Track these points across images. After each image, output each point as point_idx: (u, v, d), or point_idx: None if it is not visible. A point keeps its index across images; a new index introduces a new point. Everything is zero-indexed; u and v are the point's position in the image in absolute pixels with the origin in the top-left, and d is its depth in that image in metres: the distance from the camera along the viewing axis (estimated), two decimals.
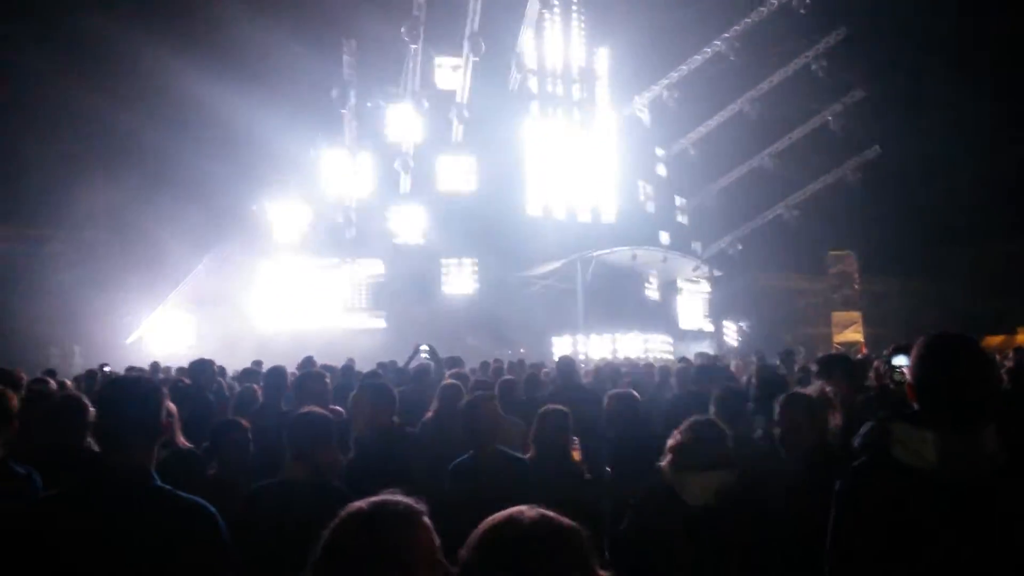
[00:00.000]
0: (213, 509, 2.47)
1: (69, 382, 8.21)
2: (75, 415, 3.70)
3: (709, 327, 31.91)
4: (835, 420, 3.74)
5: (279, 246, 26.66)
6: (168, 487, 2.46)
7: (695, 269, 30.86)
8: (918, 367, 2.09)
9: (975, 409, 1.96)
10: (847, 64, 31.38)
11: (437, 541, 1.64)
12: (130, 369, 11.29)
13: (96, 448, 2.58)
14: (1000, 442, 1.96)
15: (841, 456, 3.25)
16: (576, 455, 4.81)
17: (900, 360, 4.67)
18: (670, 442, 3.49)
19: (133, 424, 2.42)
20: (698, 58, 31.61)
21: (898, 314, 35.70)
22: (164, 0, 23.59)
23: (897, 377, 4.62)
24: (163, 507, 2.37)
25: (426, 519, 1.64)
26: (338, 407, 5.41)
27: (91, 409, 3.59)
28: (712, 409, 4.85)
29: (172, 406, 4.56)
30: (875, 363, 6.32)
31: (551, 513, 1.52)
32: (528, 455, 4.43)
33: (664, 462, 3.39)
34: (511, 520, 1.49)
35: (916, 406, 2.08)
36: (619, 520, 3.77)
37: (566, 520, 1.51)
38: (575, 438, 4.81)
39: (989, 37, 31.14)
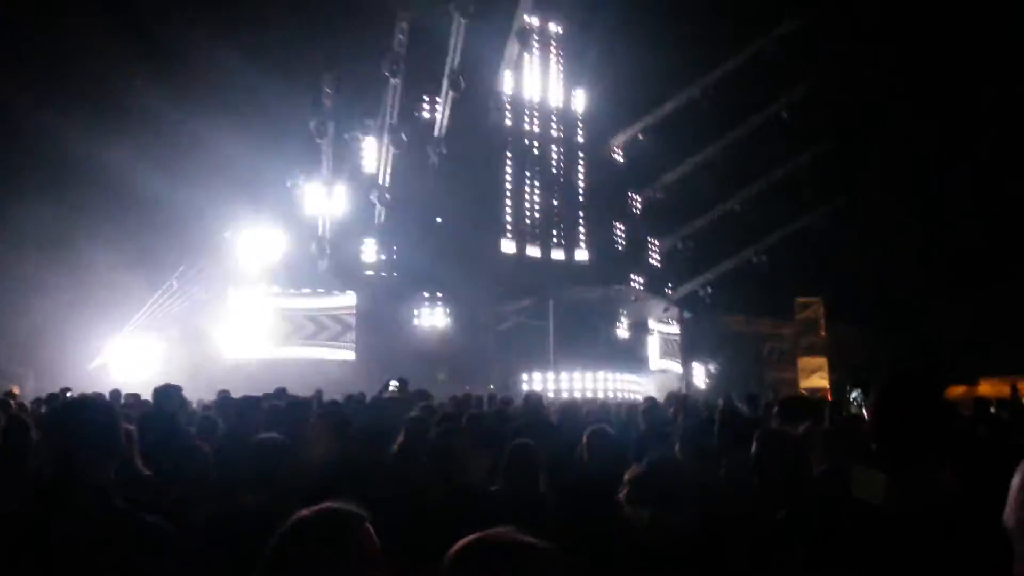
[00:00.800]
0: (172, 530, 2.48)
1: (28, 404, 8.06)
2: (19, 436, 3.65)
3: (678, 368, 32.12)
4: (815, 461, 3.72)
5: (250, 274, 26.45)
6: (127, 508, 2.45)
7: (665, 310, 31.15)
8: (875, 404, 2.11)
9: (928, 446, 1.99)
10: (817, 113, 32.20)
11: (380, 547, 1.67)
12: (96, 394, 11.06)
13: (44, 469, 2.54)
14: (955, 480, 1.98)
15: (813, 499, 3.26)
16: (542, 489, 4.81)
17: (856, 394, 4.76)
18: (627, 475, 3.53)
19: (89, 444, 2.41)
20: (672, 104, 32.25)
21: (863, 361, 36.20)
22: (139, 26, 23.55)
23: (853, 409, 4.70)
24: (122, 528, 2.35)
25: (368, 524, 1.67)
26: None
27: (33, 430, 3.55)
28: (677, 446, 4.90)
29: (132, 429, 4.52)
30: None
31: (526, 535, 1.53)
32: (495, 488, 4.43)
33: (622, 493, 3.42)
34: (487, 538, 1.51)
35: (874, 446, 2.10)
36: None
37: (542, 541, 1.53)
38: (542, 473, 4.82)
39: (955, 93, 32.16)
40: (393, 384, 9.73)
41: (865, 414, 2.22)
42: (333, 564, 1.59)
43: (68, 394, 11.31)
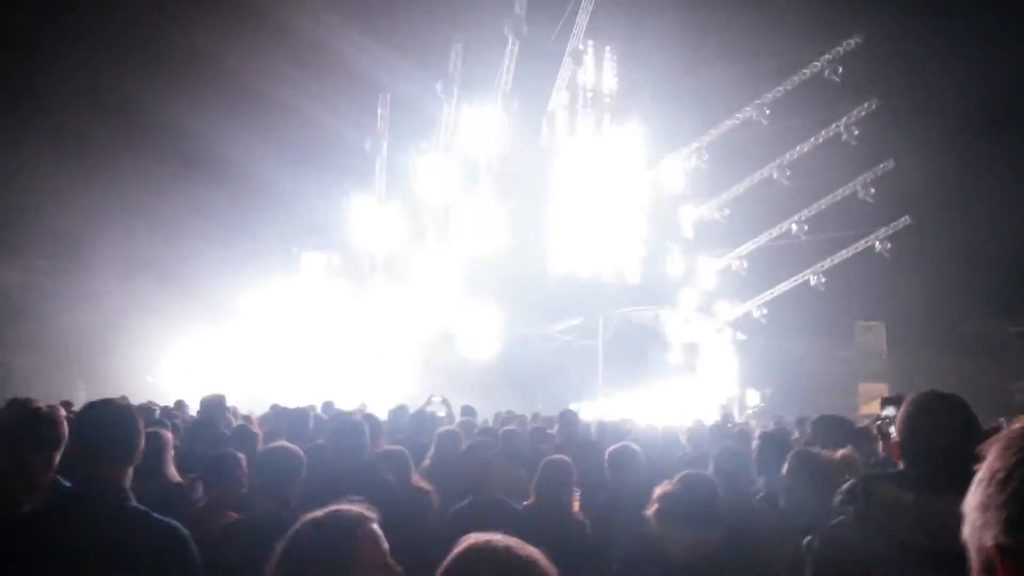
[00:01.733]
0: (186, 532, 2.53)
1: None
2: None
3: (732, 391, 31.46)
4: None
5: (307, 290, 26.99)
6: (143, 508, 2.49)
7: (718, 332, 30.61)
8: (905, 425, 2.08)
9: (959, 470, 1.89)
10: (879, 134, 31.48)
11: (386, 546, 1.73)
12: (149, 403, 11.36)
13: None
14: None
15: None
16: (576, 506, 4.78)
17: (889, 411, 4.58)
18: (658, 491, 3.45)
19: (103, 446, 2.47)
20: (729, 123, 31.92)
21: (927, 388, 34.98)
22: (200, 53, 24.42)
23: (884, 428, 4.53)
24: (137, 527, 2.42)
25: (375, 526, 1.73)
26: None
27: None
28: (711, 466, 4.79)
29: (169, 436, 4.62)
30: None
31: (521, 543, 1.57)
32: (528, 502, 4.41)
33: (650, 510, 3.35)
34: (484, 544, 1.55)
35: (901, 465, 2.07)
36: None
37: (534, 550, 1.56)
38: (576, 490, 4.78)
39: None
40: (435, 399, 9.79)
41: (894, 433, 2.11)
42: (341, 563, 1.65)
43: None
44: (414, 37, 24.42)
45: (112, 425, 2.57)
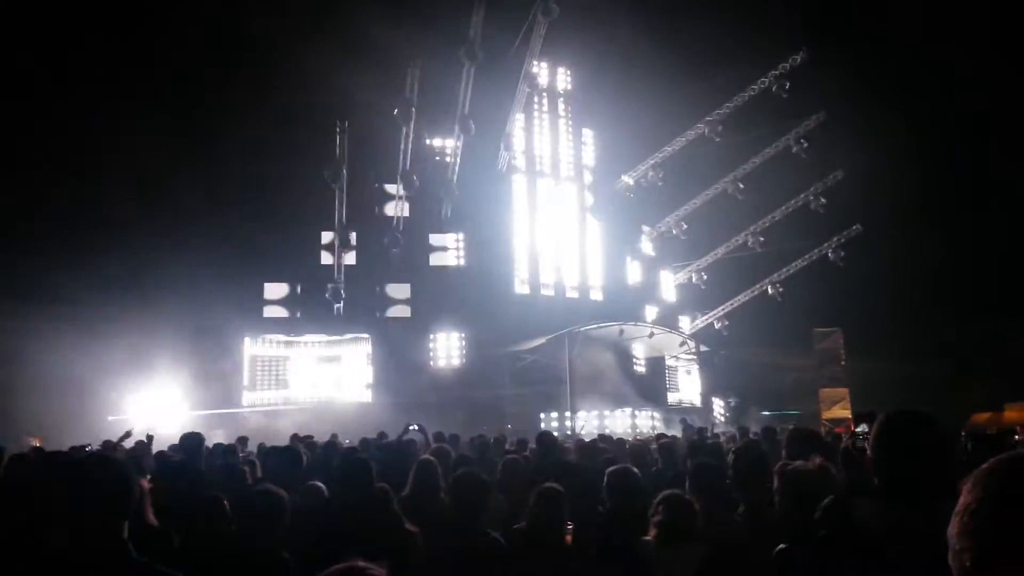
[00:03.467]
0: None
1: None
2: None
3: (697, 402, 31.84)
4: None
5: (268, 320, 26.73)
6: (146, 561, 2.51)
7: (681, 345, 31.00)
8: (876, 443, 2.13)
9: (930, 485, 1.98)
10: (827, 146, 32.33)
11: None
12: (106, 443, 11.10)
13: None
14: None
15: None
16: (569, 539, 4.73)
17: (863, 427, 4.76)
18: (655, 518, 3.55)
19: (106, 499, 2.45)
20: (683, 139, 32.51)
21: (886, 391, 35.73)
22: (155, 80, 24.21)
23: (859, 443, 4.69)
24: None
25: None
26: (318, 482, 5.41)
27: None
28: (688, 484, 4.89)
29: (144, 483, 4.59)
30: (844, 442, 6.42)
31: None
32: (519, 526, 4.39)
33: (650, 536, 3.46)
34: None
35: (876, 481, 2.12)
36: None
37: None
38: (570, 524, 4.74)
39: (969, 115, 32.23)
40: (413, 427, 9.74)
41: (867, 449, 2.21)
42: None
43: (88, 449, 11.39)
44: (371, 63, 24.47)
45: (110, 480, 2.56)
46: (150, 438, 10.58)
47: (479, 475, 4.50)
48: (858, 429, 4.55)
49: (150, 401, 22.73)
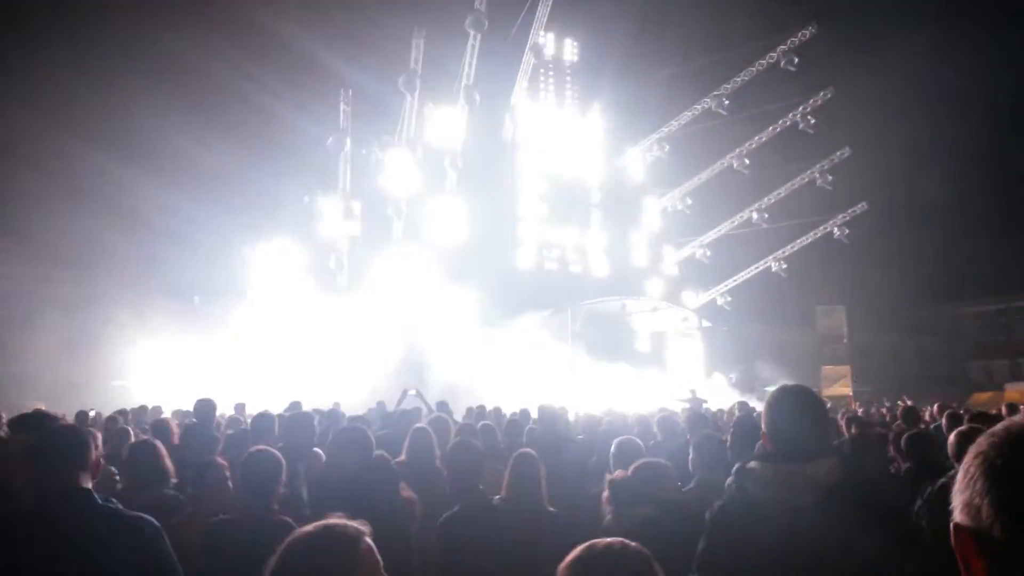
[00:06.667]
0: (157, 523, 2.77)
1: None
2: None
3: (698, 377, 31.93)
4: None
5: (270, 290, 26.77)
6: (112, 504, 2.77)
7: (684, 320, 31.04)
8: (766, 415, 2.52)
9: (805, 446, 2.36)
10: (835, 122, 32.11)
11: (381, 562, 1.70)
12: (120, 412, 11.28)
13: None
14: (840, 473, 2.31)
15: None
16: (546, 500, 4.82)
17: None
18: (608, 478, 3.68)
19: (69, 455, 2.74)
20: (689, 114, 32.29)
21: (887, 369, 35.86)
22: (159, 50, 24.04)
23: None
24: (109, 520, 2.68)
25: (369, 540, 1.70)
26: (318, 450, 5.46)
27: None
28: (691, 456, 4.92)
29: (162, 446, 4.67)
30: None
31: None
32: (501, 496, 4.46)
33: (604, 495, 3.57)
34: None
35: (769, 448, 2.49)
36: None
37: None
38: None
39: (980, 93, 31.96)
40: (411, 392, 9.78)
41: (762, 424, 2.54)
42: None
43: (91, 413, 11.55)
44: (376, 32, 24.34)
45: (57, 439, 2.84)
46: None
47: (473, 444, 4.54)
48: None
49: (154, 366, 22.86)
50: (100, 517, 2.64)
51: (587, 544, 1.69)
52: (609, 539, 1.71)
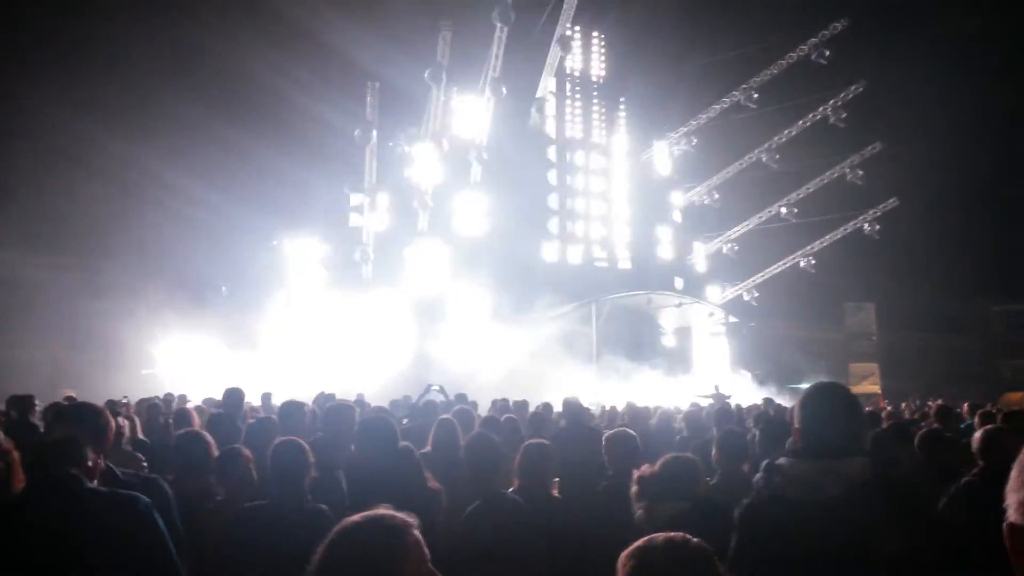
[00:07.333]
0: (147, 500, 2.84)
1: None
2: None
3: (724, 373, 31.69)
4: None
5: (296, 281, 26.97)
6: (103, 488, 2.87)
7: (710, 315, 30.82)
8: (799, 411, 2.50)
9: (836, 444, 2.33)
10: (865, 116, 31.66)
11: (427, 554, 1.70)
12: (141, 401, 11.43)
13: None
14: (869, 471, 2.29)
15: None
16: (555, 491, 4.81)
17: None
18: (636, 473, 3.64)
19: (66, 441, 2.84)
20: (717, 107, 31.99)
21: (916, 367, 35.34)
22: (191, 45, 24.28)
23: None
24: (100, 501, 2.75)
25: (416, 532, 1.70)
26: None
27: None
28: (714, 451, 4.89)
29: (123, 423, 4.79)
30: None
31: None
32: (513, 488, 4.45)
33: (632, 491, 3.53)
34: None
35: (800, 444, 2.47)
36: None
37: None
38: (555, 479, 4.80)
39: (1010, 91, 31.31)
40: (434, 388, 9.84)
41: (792, 420, 2.54)
42: (381, 573, 1.62)
43: (124, 400, 11.74)
44: (402, 25, 24.37)
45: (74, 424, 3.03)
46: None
47: (491, 437, 4.54)
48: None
49: (181, 355, 23.14)
50: (88, 499, 2.72)
51: (647, 537, 1.70)
52: (669, 533, 1.71)
